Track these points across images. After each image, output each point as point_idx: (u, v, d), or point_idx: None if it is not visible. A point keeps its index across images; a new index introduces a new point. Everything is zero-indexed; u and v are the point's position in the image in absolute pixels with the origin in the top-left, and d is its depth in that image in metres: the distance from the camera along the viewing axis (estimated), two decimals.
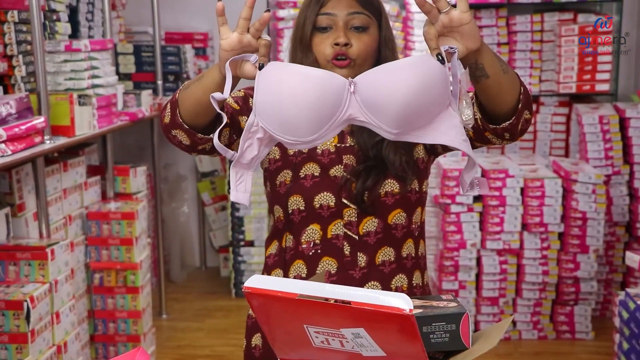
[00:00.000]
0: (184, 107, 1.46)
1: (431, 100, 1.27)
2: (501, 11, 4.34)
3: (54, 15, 3.18)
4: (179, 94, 1.47)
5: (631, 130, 3.94)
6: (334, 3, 1.62)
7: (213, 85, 1.38)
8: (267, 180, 1.70)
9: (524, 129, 1.50)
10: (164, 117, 1.51)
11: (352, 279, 1.61)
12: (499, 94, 1.42)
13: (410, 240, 1.68)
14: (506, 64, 1.42)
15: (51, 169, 3.09)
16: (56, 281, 2.75)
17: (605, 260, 4.03)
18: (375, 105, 1.27)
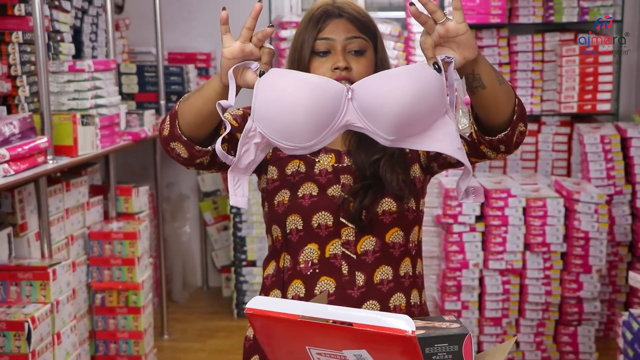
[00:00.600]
0: (184, 119, 1.47)
1: (427, 107, 1.30)
2: (502, 31, 4.36)
3: (58, 36, 3.20)
4: (179, 105, 1.49)
5: (633, 149, 3.94)
6: (332, 28, 1.64)
7: (214, 95, 1.40)
8: (265, 200, 1.71)
9: (519, 141, 1.52)
10: (162, 129, 1.53)
11: (350, 298, 1.61)
12: (495, 104, 1.44)
13: (408, 258, 1.68)
14: (501, 76, 1.44)
15: (54, 189, 3.10)
16: (57, 301, 2.75)
17: (609, 280, 4.01)
18: (371, 111, 1.29)
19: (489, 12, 4.25)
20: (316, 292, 1.61)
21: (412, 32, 4.36)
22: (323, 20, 1.65)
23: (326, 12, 1.66)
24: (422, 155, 1.69)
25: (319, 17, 1.65)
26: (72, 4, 3.31)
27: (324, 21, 1.64)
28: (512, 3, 4.31)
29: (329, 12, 1.66)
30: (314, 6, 1.70)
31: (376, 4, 4.97)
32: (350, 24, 1.64)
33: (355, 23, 1.65)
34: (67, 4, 3.24)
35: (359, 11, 1.68)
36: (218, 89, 1.40)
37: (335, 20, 1.64)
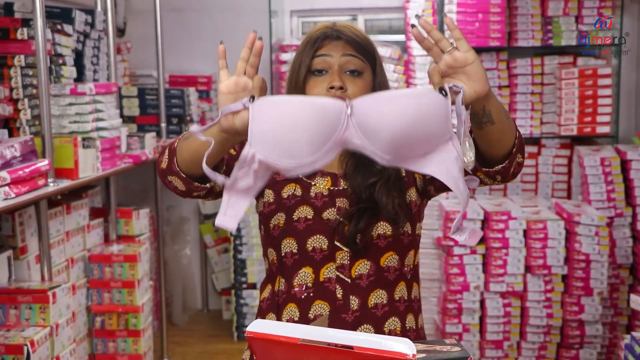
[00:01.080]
0: (182, 156, 1.48)
1: (428, 131, 1.28)
2: (502, 54, 4.39)
3: (60, 60, 3.22)
4: (178, 143, 1.50)
5: (633, 172, 3.95)
6: (329, 47, 1.64)
7: (213, 137, 1.38)
8: (262, 223, 1.71)
9: (516, 172, 1.53)
10: (160, 162, 1.54)
11: (344, 322, 1.60)
12: (500, 140, 1.44)
13: (403, 283, 1.67)
14: (506, 110, 1.44)
15: (54, 212, 3.10)
16: (57, 325, 2.74)
17: (610, 303, 4.00)
18: (369, 129, 1.28)
19: (488, 35, 4.28)
20: (310, 316, 1.60)
21: (412, 55, 4.38)
22: (321, 40, 1.65)
23: (324, 34, 1.66)
24: (419, 179, 1.69)
25: (317, 38, 1.66)
26: (75, 28, 3.33)
27: (322, 41, 1.65)
28: (511, 27, 4.34)
29: (328, 34, 1.66)
30: (313, 29, 1.71)
31: (376, 27, 5.01)
32: (348, 45, 1.65)
33: (353, 44, 1.65)
34: (69, 27, 3.26)
35: (357, 34, 1.68)
36: (215, 131, 1.37)
37: (334, 42, 1.65)
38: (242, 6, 4.84)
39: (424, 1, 4.38)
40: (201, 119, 4.60)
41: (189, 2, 4.89)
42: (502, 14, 4.26)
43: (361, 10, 4.82)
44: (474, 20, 4.28)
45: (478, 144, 1.46)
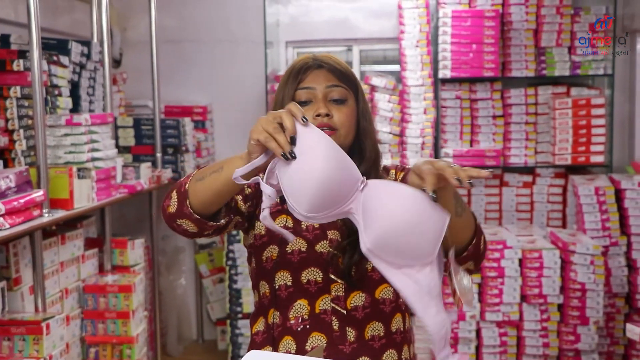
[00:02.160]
0: (198, 198, 1.46)
1: (415, 242, 1.31)
2: (496, 84, 4.43)
3: (56, 91, 3.23)
4: (190, 185, 1.48)
5: (627, 201, 3.96)
6: (312, 78, 1.65)
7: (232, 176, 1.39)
8: (252, 256, 1.70)
9: (484, 251, 1.56)
10: (168, 206, 1.51)
11: (342, 353, 1.59)
12: (464, 227, 1.48)
13: (399, 314, 1.66)
14: (463, 206, 1.45)
15: (49, 242, 3.09)
16: (51, 356, 2.71)
17: (606, 332, 3.99)
18: (369, 213, 1.31)
19: (482, 66, 4.32)
20: (307, 348, 1.60)
21: (407, 85, 4.41)
22: (303, 71, 1.66)
23: (306, 64, 1.67)
24: None
25: (299, 70, 1.67)
26: (71, 59, 3.35)
27: (304, 72, 1.66)
28: (505, 57, 4.38)
29: (309, 64, 1.67)
30: (294, 62, 1.72)
31: (371, 57, 5.05)
32: (330, 74, 1.66)
33: (336, 73, 1.67)
34: (65, 59, 3.28)
35: (338, 62, 1.70)
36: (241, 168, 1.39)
37: (316, 71, 1.66)
38: (237, 37, 4.88)
39: (418, 32, 4.42)
40: (197, 149, 4.61)
41: (185, 33, 4.92)
42: (496, 45, 4.30)
43: (356, 41, 4.86)
44: (468, 50, 4.32)
45: (452, 238, 1.47)
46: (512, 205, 4.51)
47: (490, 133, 4.43)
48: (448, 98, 4.44)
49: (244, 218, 1.65)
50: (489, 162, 4.35)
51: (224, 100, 4.90)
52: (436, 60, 4.41)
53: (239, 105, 4.89)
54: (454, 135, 4.44)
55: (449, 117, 4.44)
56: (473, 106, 4.44)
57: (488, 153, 4.35)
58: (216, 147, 5.00)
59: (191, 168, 4.41)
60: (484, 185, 4.54)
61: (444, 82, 4.43)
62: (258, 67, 4.67)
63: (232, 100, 4.90)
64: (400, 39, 4.47)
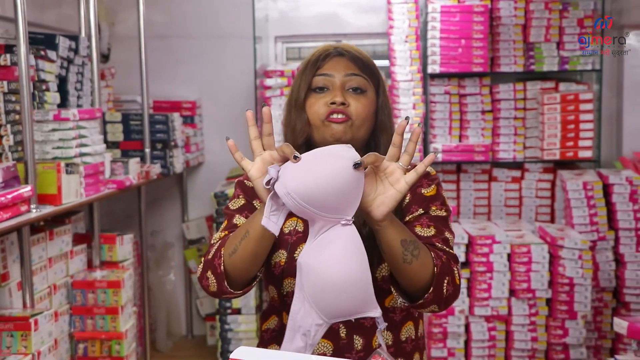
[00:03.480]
0: (238, 270, 1.47)
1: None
2: (485, 80, 4.44)
3: (44, 85, 3.21)
4: (225, 263, 1.47)
5: (615, 196, 3.98)
6: (331, 65, 1.61)
7: (262, 231, 1.39)
8: None
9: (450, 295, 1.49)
10: (207, 286, 1.51)
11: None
12: (405, 280, 1.45)
13: (410, 322, 1.63)
14: (415, 254, 1.41)
15: (37, 238, 3.07)
16: (39, 352, 2.71)
17: (594, 326, 4.01)
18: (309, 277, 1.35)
19: (471, 61, 4.33)
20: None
21: (396, 81, 4.41)
22: (323, 58, 1.62)
23: (326, 52, 1.64)
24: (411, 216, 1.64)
25: (318, 56, 1.63)
26: (58, 54, 3.33)
27: (324, 59, 1.62)
28: (494, 52, 4.39)
29: (330, 52, 1.64)
30: (315, 49, 1.68)
31: None
32: (351, 63, 1.61)
33: (357, 62, 1.62)
34: (52, 53, 3.26)
35: (360, 52, 1.65)
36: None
37: (336, 59, 1.62)
38: (226, 32, 4.86)
39: (407, 28, 4.42)
40: (186, 144, 4.59)
41: (174, 28, 4.91)
42: (485, 40, 4.31)
43: (345, 36, 4.85)
44: (457, 46, 4.33)
45: (399, 282, 1.47)
46: (500, 200, 4.52)
47: (479, 128, 4.44)
48: (437, 93, 4.44)
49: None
50: (477, 157, 4.36)
51: (212, 95, 4.90)
52: (425, 56, 4.42)
53: (228, 100, 4.88)
54: (443, 131, 4.45)
55: (438, 112, 4.44)
56: (462, 101, 4.45)
57: (477, 148, 4.37)
58: (205, 142, 5.00)
59: (180, 163, 4.40)
60: (473, 180, 4.55)
61: (433, 77, 4.44)
62: (247, 62, 4.67)
63: (221, 95, 4.90)
64: (389, 34, 4.47)
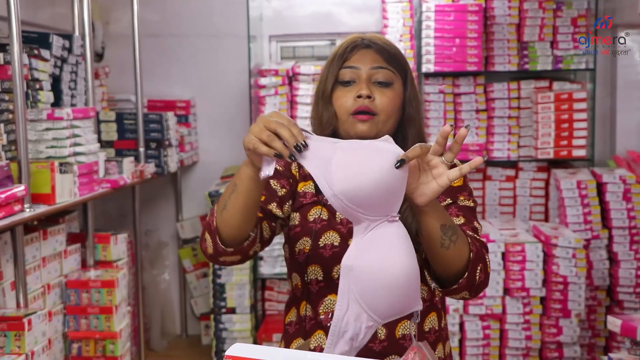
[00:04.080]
0: (229, 226, 1.46)
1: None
2: (479, 79, 4.44)
3: (37, 84, 3.20)
4: (217, 219, 1.47)
5: (608, 195, 3.99)
6: (358, 57, 1.60)
7: (251, 183, 1.39)
8: (287, 244, 1.68)
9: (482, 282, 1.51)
10: (205, 248, 1.52)
11: (371, 351, 1.56)
12: (442, 264, 1.45)
13: (434, 313, 1.63)
14: (453, 240, 1.41)
15: (30, 237, 3.06)
16: (32, 352, 2.70)
17: (588, 324, 4.02)
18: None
19: (465, 60, 4.33)
20: (304, 342, 1.58)
21: None
22: (350, 50, 1.62)
23: (354, 43, 1.63)
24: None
25: (345, 48, 1.63)
26: (52, 53, 3.32)
27: (351, 51, 1.61)
28: (488, 51, 4.40)
29: (357, 43, 1.63)
30: (343, 41, 1.67)
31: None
32: (377, 55, 1.61)
33: (383, 54, 1.61)
34: (46, 52, 3.25)
35: (388, 44, 1.64)
36: (252, 174, 1.39)
37: (362, 51, 1.61)
38: (220, 31, 4.86)
39: (402, 27, 4.42)
40: (180, 143, 4.59)
41: (168, 27, 4.90)
42: (479, 39, 4.31)
43: (339, 35, 4.85)
44: (452, 45, 4.33)
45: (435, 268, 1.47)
46: (495, 199, 4.53)
47: (473, 127, 4.44)
48: (431, 92, 4.44)
49: (285, 216, 1.63)
50: (472, 156, 4.36)
51: (207, 94, 4.89)
52: (419, 55, 4.42)
53: (223, 99, 4.88)
54: (437, 130, 4.45)
55: (433, 111, 4.45)
56: (456, 100, 4.45)
57: (471, 147, 4.37)
58: (199, 141, 4.99)
59: (174, 162, 4.40)
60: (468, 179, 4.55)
61: (427, 76, 4.44)
62: (241, 62, 4.66)
63: (216, 94, 4.89)
64: (383, 33, 4.47)
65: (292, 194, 1.64)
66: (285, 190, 1.62)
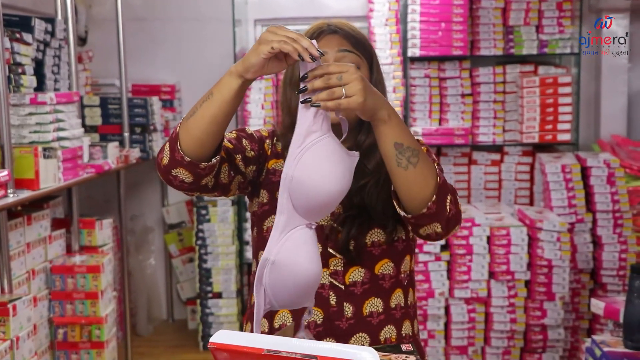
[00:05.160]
0: (190, 137, 1.43)
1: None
2: (464, 63, 4.44)
3: (19, 69, 3.17)
4: (181, 125, 1.45)
5: (593, 178, 4.01)
6: (325, 42, 1.63)
7: (231, 96, 1.40)
8: (255, 224, 1.68)
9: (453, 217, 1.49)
10: (161, 159, 1.49)
11: (338, 329, 1.58)
12: (403, 188, 1.44)
13: (399, 290, 1.65)
14: (411, 160, 1.42)
15: (14, 223, 3.05)
16: (18, 338, 2.69)
17: (572, 307, 4.05)
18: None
19: (451, 44, 4.32)
20: (304, 322, 1.59)
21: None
22: (316, 36, 1.64)
23: (320, 29, 1.65)
24: None
25: (311, 34, 1.65)
26: (34, 37, 3.28)
27: (317, 37, 1.64)
28: (473, 36, 4.39)
29: (323, 29, 1.65)
30: (310, 27, 1.69)
31: None
32: (344, 40, 1.63)
33: (350, 39, 1.64)
34: (28, 36, 3.22)
35: (353, 29, 1.67)
36: (236, 86, 1.39)
37: (329, 36, 1.64)
38: (205, 15, 4.82)
39: (387, 11, 4.41)
40: (165, 128, 4.57)
41: (152, 11, 4.86)
42: (465, 24, 4.31)
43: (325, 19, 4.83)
44: (437, 29, 4.32)
45: (397, 191, 1.46)
46: (480, 184, 4.55)
47: (458, 112, 4.45)
48: (417, 77, 4.44)
49: (246, 180, 1.63)
50: (457, 140, 4.37)
51: (192, 79, 4.86)
52: (405, 39, 4.41)
53: (208, 84, 4.77)
54: (422, 114, 4.46)
55: (418, 95, 4.44)
56: (442, 85, 4.45)
57: (457, 132, 4.38)
58: None
59: (159, 147, 4.37)
60: (453, 163, 4.57)
61: (413, 60, 4.44)
62: (226, 46, 4.63)
63: (201, 79, 4.84)
64: (369, 17, 4.45)
65: (258, 164, 1.65)
66: (254, 153, 1.64)
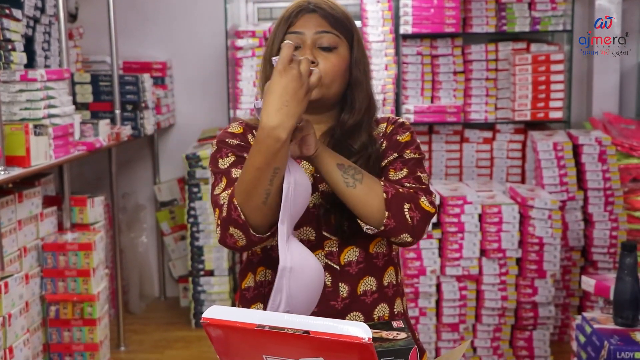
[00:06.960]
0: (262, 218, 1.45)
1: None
2: (457, 40, 4.43)
3: (9, 45, 3.14)
4: (245, 211, 1.44)
5: (584, 156, 4.02)
6: (303, 22, 1.61)
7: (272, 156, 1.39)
8: None
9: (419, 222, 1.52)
10: (235, 242, 1.49)
11: (333, 309, 1.58)
12: (357, 207, 1.50)
13: (392, 267, 1.66)
14: (358, 177, 1.48)
15: (5, 200, 3.04)
16: (10, 315, 2.69)
17: (562, 284, 4.08)
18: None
19: (443, 21, 4.31)
20: None
21: (368, 41, 4.39)
22: (295, 15, 1.62)
23: (299, 7, 1.64)
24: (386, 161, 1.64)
25: (290, 13, 1.63)
26: (24, 13, 3.25)
27: (296, 16, 1.62)
28: (466, 13, 4.38)
29: (303, 7, 1.64)
30: (290, 5, 1.68)
31: None
32: (322, 19, 1.62)
33: (329, 19, 1.62)
34: (18, 12, 3.19)
35: (333, 7, 1.65)
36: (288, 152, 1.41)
37: (308, 15, 1.62)
38: None
39: None
40: (156, 106, 4.55)
41: None
42: (457, 1, 4.29)
43: None
44: (429, 6, 4.30)
45: (354, 212, 1.51)
46: (472, 161, 4.55)
47: (450, 89, 4.44)
48: (409, 54, 4.43)
49: None
50: (449, 118, 4.37)
51: (183, 56, 4.84)
52: (397, 16, 4.39)
53: (199, 61, 4.83)
54: (415, 92, 4.45)
55: (410, 73, 4.43)
56: (434, 62, 4.44)
57: (449, 109, 4.37)
58: (176, 103, 4.95)
59: (151, 125, 4.36)
60: (445, 141, 4.57)
61: (405, 38, 4.42)
62: (218, 23, 4.61)
63: (192, 56, 4.84)
64: None
65: None
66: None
